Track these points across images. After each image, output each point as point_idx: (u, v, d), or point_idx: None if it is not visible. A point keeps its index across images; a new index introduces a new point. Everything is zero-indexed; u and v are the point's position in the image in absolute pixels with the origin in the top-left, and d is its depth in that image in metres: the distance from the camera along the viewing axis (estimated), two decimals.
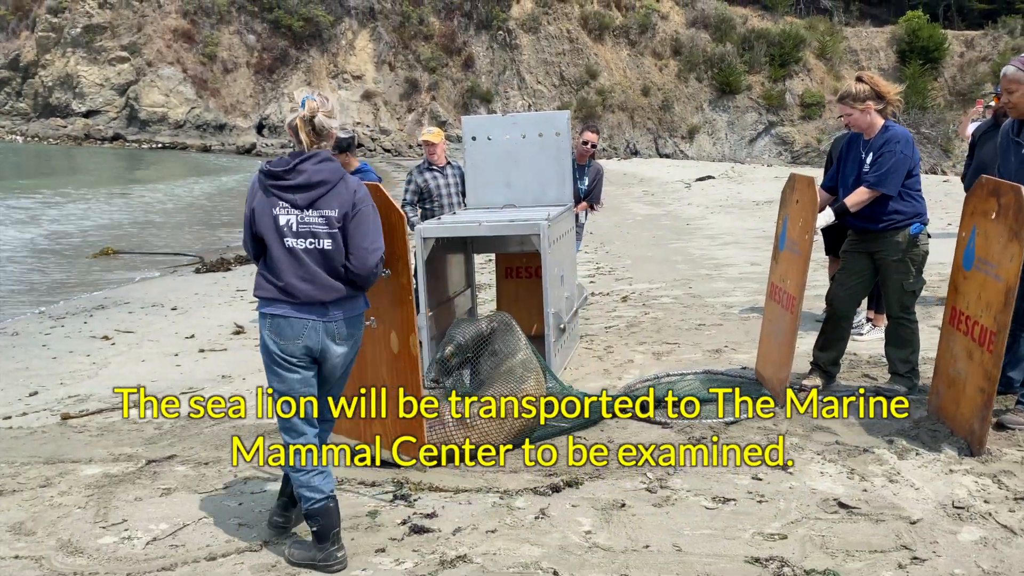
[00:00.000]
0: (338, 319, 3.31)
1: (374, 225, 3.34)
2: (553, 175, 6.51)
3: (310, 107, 3.23)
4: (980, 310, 4.06)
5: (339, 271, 3.27)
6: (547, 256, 5.45)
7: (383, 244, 3.37)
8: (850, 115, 4.82)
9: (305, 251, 3.22)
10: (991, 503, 3.50)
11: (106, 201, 21.77)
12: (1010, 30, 49.33)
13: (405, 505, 3.81)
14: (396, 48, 49.97)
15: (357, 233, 3.28)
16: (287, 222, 3.22)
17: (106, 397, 5.95)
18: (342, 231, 3.26)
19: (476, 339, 4.85)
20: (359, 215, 3.28)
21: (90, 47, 48.97)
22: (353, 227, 3.27)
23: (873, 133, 4.84)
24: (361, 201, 3.30)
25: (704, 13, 51.06)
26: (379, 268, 3.35)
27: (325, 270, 3.25)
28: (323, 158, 3.26)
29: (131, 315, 9.10)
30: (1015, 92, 4.21)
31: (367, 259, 3.28)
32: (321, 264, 3.24)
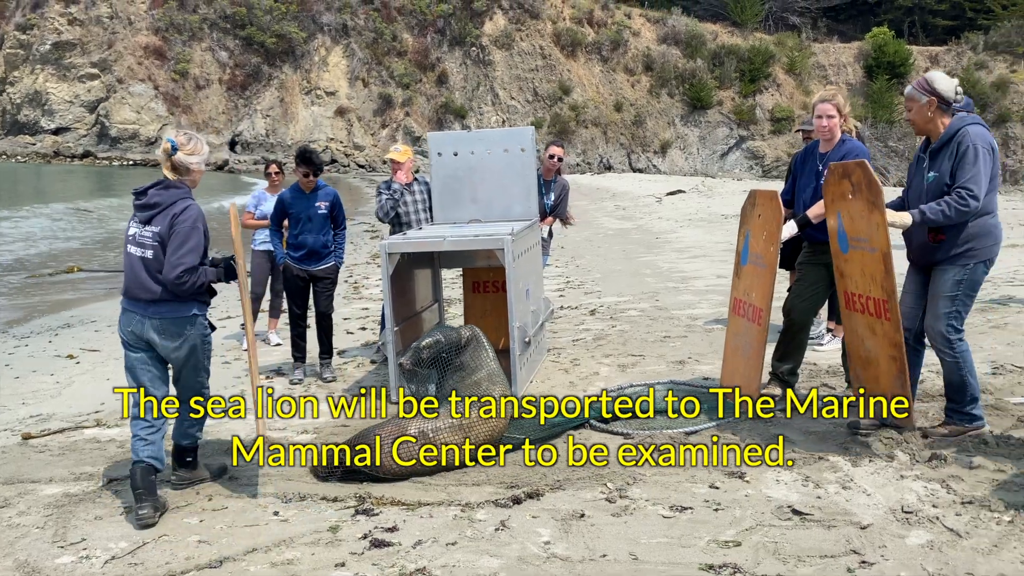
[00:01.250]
0: (158, 316, 4.04)
1: (184, 243, 3.97)
2: (518, 190, 6.58)
3: (164, 148, 4.09)
4: (867, 285, 4.28)
5: (157, 277, 4.01)
6: (512, 270, 5.51)
7: (190, 261, 3.97)
8: (832, 118, 4.95)
9: (138, 258, 4.05)
10: (939, 507, 3.58)
11: (75, 218, 21.56)
12: (973, 45, 50.37)
13: (366, 519, 3.82)
14: (369, 64, 50.04)
15: (168, 248, 4.00)
16: (132, 233, 4.12)
17: (69, 416, 5.90)
18: (161, 245, 4.01)
19: (453, 344, 4.82)
20: (173, 234, 4.00)
21: (59, 64, 48.57)
22: (168, 243, 4.00)
23: (831, 146, 4.97)
24: (180, 223, 4.00)
25: (675, 29, 51.65)
26: (182, 279, 3.95)
27: (147, 274, 4.02)
28: (166, 185, 4.08)
29: (97, 333, 9.02)
30: (912, 109, 4.35)
31: (170, 271, 3.96)
32: (143, 269, 4.03)
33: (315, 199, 6.34)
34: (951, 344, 4.27)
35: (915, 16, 54.80)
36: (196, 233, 4.02)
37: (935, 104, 4.26)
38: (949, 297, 4.25)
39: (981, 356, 5.81)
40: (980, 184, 4.11)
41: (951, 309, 4.26)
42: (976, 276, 4.27)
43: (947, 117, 4.30)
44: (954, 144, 4.20)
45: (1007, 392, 4.99)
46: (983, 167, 4.13)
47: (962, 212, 4.11)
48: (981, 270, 4.28)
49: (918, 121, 4.35)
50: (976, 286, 4.29)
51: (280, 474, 4.50)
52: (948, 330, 4.27)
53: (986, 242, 4.25)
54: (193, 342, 4.15)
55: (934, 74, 4.35)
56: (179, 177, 4.11)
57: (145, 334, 4.08)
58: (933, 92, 4.25)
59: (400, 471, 4.28)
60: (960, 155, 4.15)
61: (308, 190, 6.36)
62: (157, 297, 4.01)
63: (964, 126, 4.21)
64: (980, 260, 4.24)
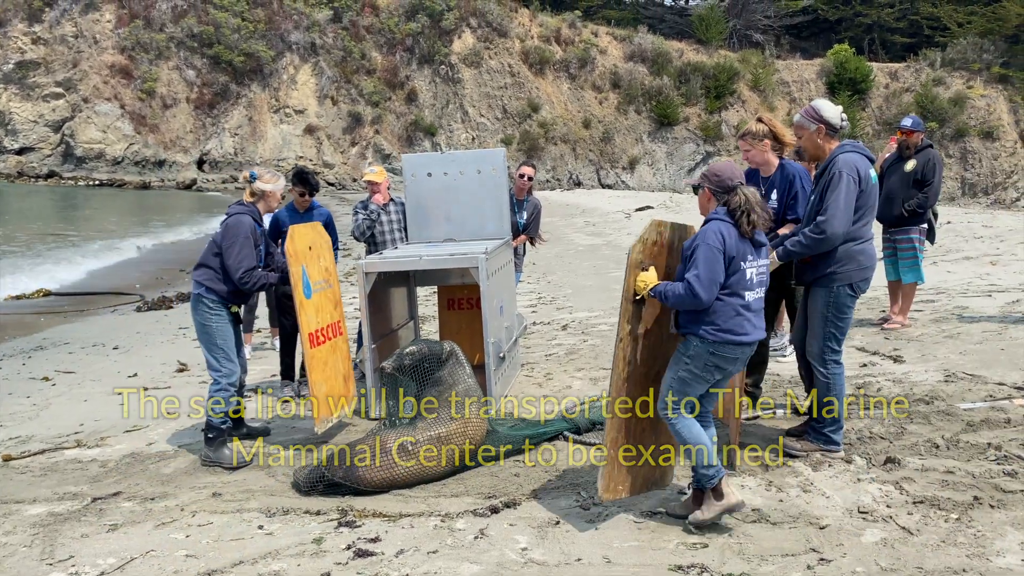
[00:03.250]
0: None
1: (231, 248, 5.13)
2: (491, 209, 6.77)
3: (244, 176, 5.51)
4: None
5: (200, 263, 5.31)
6: (486, 288, 5.68)
7: (246, 263, 5.14)
8: (748, 151, 5.20)
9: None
10: (892, 507, 3.81)
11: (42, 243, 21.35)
12: (930, 62, 51.69)
13: (349, 531, 3.96)
14: (338, 82, 50.09)
15: (223, 253, 5.19)
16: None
17: (48, 437, 5.95)
18: (214, 243, 5.27)
19: (435, 356, 4.94)
20: (223, 237, 5.20)
21: (23, 83, 47.98)
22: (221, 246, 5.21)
23: (771, 171, 5.22)
24: (224, 227, 5.24)
25: (641, 47, 52.40)
26: (244, 279, 5.14)
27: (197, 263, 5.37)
28: (237, 203, 5.35)
29: (71, 355, 9.04)
30: (802, 137, 4.59)
31: (233, 273, 5.14)
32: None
33: (310, 218, 6.51)
34: (825, 364, 4.47)
35: (875, 34, 56.19)
36: (235, 237, 5.13)
37: (823, 131, 4.50)
38: (822, 317, 4.45)
39: (935, 364, 6.09)
40: (835, 214, 4.28)
41: (825, 330, 4.44)
42: (841, 299, 4.41)
43: (835, 142, 4.53)
44: (828, 170, 4.42)
45: (957, 399, 5.25)
46: (844, 195, 4.29)
47: (818, 241, 4.32)
48: (845, 293, 4.41)
49: (809, 148, 4.59)
50: (843, 308, 4.43)
51: (264, 489, 4.62)
52: (824, 350, 4.46)
53: (848, 267, 4.39)
54: (200, 320, 5.21)
55: (820, 103, 4.58)
56: (254, 200, 5.36)
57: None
58: (821, 120, 4.49)
59: (380, 482, 4.42)
60: (828, 181, 4.37)
61: (303, 209, 6.59)
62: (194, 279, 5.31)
63: (839, 154, 4.42)
64: (843, 283, 4.40)
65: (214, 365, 5.20)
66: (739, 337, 3.73)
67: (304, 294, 5.22)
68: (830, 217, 4.33)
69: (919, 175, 7.15)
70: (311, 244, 5.45)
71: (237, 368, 5.25)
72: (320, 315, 5.39)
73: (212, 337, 5.18)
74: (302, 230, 5.39)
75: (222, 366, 5.18)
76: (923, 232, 7.37)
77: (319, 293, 5.43)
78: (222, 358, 5.18)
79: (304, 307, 5.19)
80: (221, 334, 5.19)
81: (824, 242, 4.35)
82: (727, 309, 3.72)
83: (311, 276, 5.35)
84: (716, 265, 3.66)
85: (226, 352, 5.18)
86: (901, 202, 7.19)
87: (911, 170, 7.17)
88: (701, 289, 3.63)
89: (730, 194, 3.78)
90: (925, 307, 8.08)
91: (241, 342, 5.51)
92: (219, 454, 5.09)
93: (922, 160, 7.17)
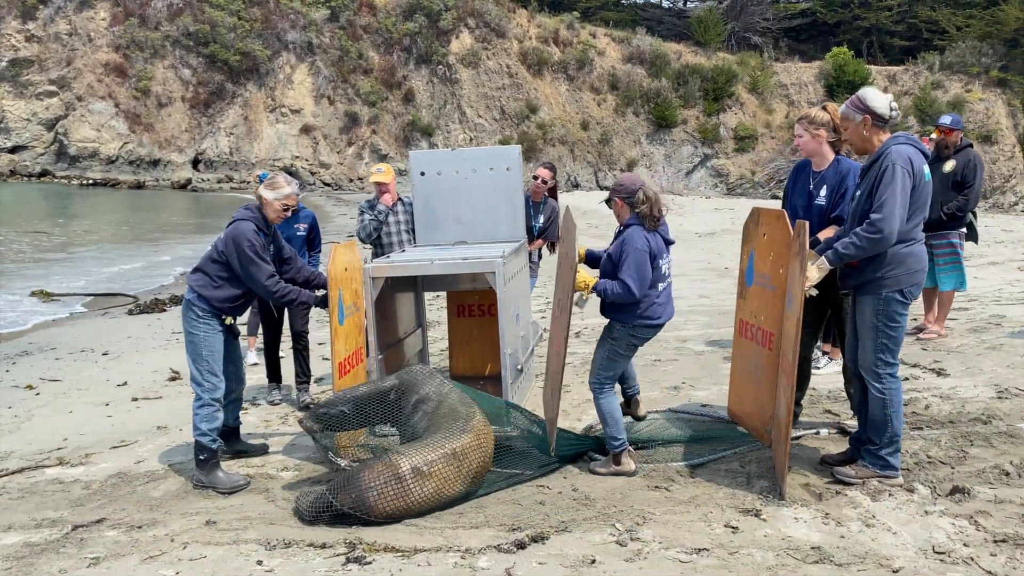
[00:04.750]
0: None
1: (239, 261, 4.75)
2: (505, 211, 6.36)
3: (254, 177, 5.26)
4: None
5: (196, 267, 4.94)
6: (502, 294, 5.27)
7: (262, 274, 4.76)
8: (801, 137, 4.79)
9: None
10: (971, 546, 3.40)
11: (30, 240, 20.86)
12: (929, 65, 51.44)
13: (358, 568, 3.53)
14: (335, 82, 49.64)
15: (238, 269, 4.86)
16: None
17: (29, 454, 5.52)
18: (215, 250, 4.89)
19: (377, 394, 4.52)
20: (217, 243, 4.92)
21: (16, 81, 47.42)
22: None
23: (824, 164, 4.81)
24: (223, 239, 4.85)
25: (639, 49, 52.06)
26: (271, 289, 4.81)
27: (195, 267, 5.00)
28: (244, 207, 4.95)
29: (58, 361, 8.58)
30: (848, 129, 4.21)
31: (259, 288, 4.86)
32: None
33: (295, 220, 6.32)
34: (879, 378, 4.07)
35: (873, 37, 55.99)
36: (239, 252, 4.74)
37: (870, 122, 4.11)
38: (872, 328, 4.06)
39: (983, 379, 5.69)
40: (893, 211, 3.89)
41: (876, 341, 4.05)
42: (891, 307, 4.03)
43: (884, 134, 4.14)
44: (879, 164, 4.02)
45: (1016, 418, 4.85)
46: (900, 191, 3.90)
47: (874, 242, 3.92)
48: (895, 300, 4.03)
49: (855, 140, 4.19)
50: (894, 316, 4.04)
51: (262, 517, 4.19)
52: (877, 363, 4.07)
53: (898, 271, 4.00)
54: (188, 328, 4.83)
55: (868, 91, 4.17)
56: (258, 204, 4.93)
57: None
58: (867, 109, 4.10)
59: (393, 511, 4.00)
60: (879, 177, 3.97)
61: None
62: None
63: (892, 146, 4.02)
64: (892, 290, 4.01)
65: (197, 378, 4.79)
66: (654, 321, 4.50)
67: (339, 320, 4.82)
68: (887, 215, 3.90)
69: (959, 176, 6.75)
70: (347, 265, 5.06)
71: (222, 383, 4.83)
72: (347, 343, 5.00)
73: (198, 348, 4.79)
74: (342, 251, 5.00)
75: (205, 380, 4.77)
76: (962, 236, 6.97)
77: (349, 318, 5.03)
78: (206, 371, 4.77)
79: (338, 335, 4.81)
80: (208, 345, 4.79)
81: (881, 242, 3.93)
82: (645, 299, 4.42)
83: (344, 300, 4.95)
84: (645, 267, 4.33)
85: (211, 365, 4.78)
86: (940, 205, 6.79)
87: (950, 171, 6.78)
88: (636, 288, 4.32)
89: (635, 198, 4.44)
90: (959, 315, 7.69)
91: (237, 356, 5.12)
92: (212, 477, 4.67)
93: (962, 160, 6.77)
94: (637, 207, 4.43)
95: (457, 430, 4.21)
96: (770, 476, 4.25)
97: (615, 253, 4.42)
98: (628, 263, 4.31)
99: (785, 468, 4.01)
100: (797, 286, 4.00)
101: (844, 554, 3.39)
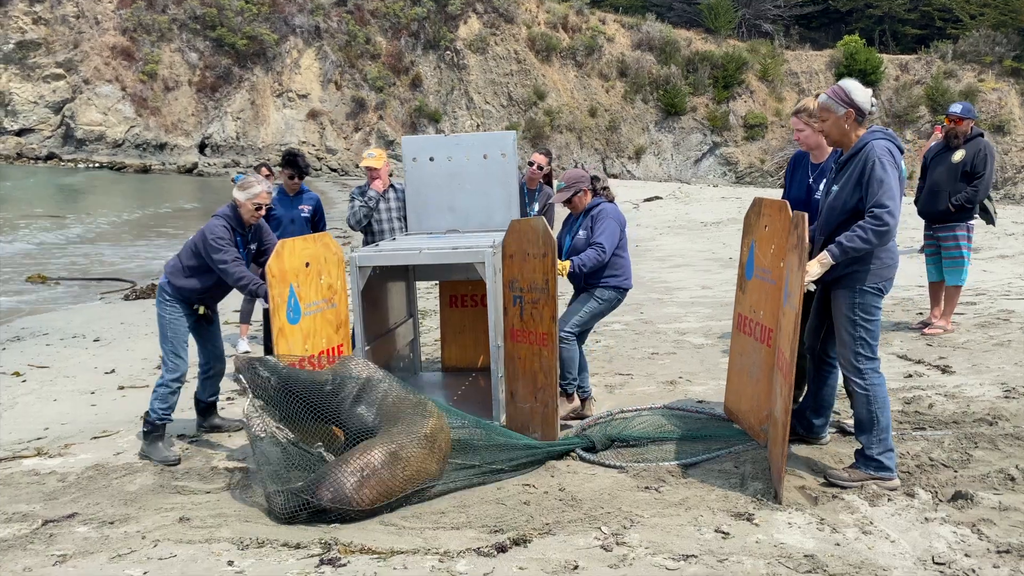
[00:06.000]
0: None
1: (207, 251, 4.92)
2: (499, 198, 6.18)
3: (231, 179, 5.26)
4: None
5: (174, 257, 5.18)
6: (493, 285, 5.10)
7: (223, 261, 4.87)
8: (801, 131, 4.60)
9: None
10: (973, 556, 3.23)
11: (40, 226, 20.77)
12: (942, 54, 50.84)
13: (332, 571, 3.39)
14: (342, 67, 49.39)
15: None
16: None
17: (8, 443, 5.40)
18: (192, 244, 5.06)
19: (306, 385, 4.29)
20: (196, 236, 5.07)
21: (23, 64, 47.32)
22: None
23: (823, 157, 4.62)
24: (199, 235, 5.00)
25: (649, 36, 51.62)
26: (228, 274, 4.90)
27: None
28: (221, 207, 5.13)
29: (49, 347, 8.47)
30: (827, 120, 4.03)
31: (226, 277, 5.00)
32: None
33: (299, 202, 6.47)
34: (861, 374, 3.96)
35: (885, 25, 55.35)
36: (203, 241, 4.91)
37: (852, 116, 3.96)
38: (849, 322, 3.96)
39: (989, 377, 5.51)
40: (895, 203, 3.82)
41: (855, 335, 3.95)
42: (867, 300, 3.94)
43: (861, 129, 4.01)
44: (860, 158, 3.90)
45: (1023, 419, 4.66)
46: (895, 183, 3.84)
47: (881, 235, 3.81)
48: (871, 294, 3.94)
49: (833, 133, 4.03)
50: (870, 310, 3.94)
51: (238, 514, 4.05)
52: (858, 358, 3.95)
53: (872, 265, 3.91)
54: (158, 310, 5.08)
55: (850, 84, 4.00)
56: (233, 205, 5.04)
57: None
58: (851, 103, 3.94)
59: (375, 498, 3.88)
60: (868, 171, 3.85)
61: (292, 193, 6.50)
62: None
63: (872, 140, 3.92)
64: (868, 285, 3.93)
65: (163, 359, 5.14)
66: (631, 282, 5.30)
67: (288, 319, 4.63)
68: (893, 207, 3.82)
69: (968, 167, 6.53)
70: (310, 259, 4.84)
71: (184, 365, 5.07)
72: (311, 341, 4.81)
73: (163, 330, 5.09)
74: (298, 245, 4.78)
75: (168, 360, 5.07)
76: (970, 229, 6.75)
77: (314, 316, 4.84)
78: (169, 351, 5.07)
79: (284, 334, 4.59)
80: (172, 328, 5.06)
81: (887, 235, 3.83)
82: (624, 264, 5.22)
83: (303, 297, 4.75)
84: (615, 235, 5.09)
85: (174, 347, 5.06)
86: (947, 196, 6.58)
87: (959, 161, 6.55)
88: (608, 249, 5.04)
89: (595, 182, 5.28)
90: (966, 309, 7.48)
91: (214, 337, 5.30)
92: (151, 448, 4.98)
93: (972, 150, 6.54)
94: (600, 191, 5.26)
95: (419, 414, 4.17)
96: (765, 477, 4.09)
97: (593, 226, 5.13)
98: (605, 230, 5.05)
99: (782, 470, 3.85)
100: (795, 281, 3.83)
101: (839, 563, 3.23)
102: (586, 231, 5.14)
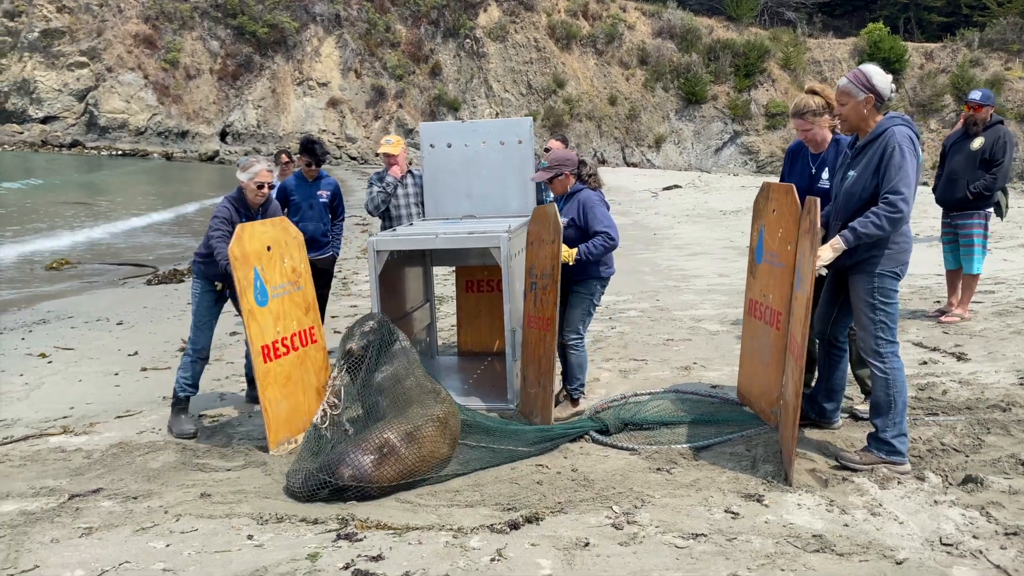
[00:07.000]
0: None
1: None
2: (515, 185, 6.23)
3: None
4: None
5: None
6: (508, 270, 5.16)
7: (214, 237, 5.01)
8: (808, 131, 4.57)
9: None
10: (980, 538, 3.25)
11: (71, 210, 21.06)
12: (968, 43, 50.10)
13: (349, 545, 3.47)
14: (362, 55, 49.48)
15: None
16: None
17: (35, 422, 5.53)
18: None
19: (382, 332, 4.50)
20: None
21: (48, 52, 47.81)
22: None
23: (824, 147, 4.62)
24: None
25: (670, 23, 51.26)
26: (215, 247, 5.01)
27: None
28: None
29: (74, 330, 8.63)
30: (846, 104, 4.02)
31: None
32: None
33: (317, 187, 6.53)
34: (882, 357, 3.98)
35: (910, 12, 54.57)
36: (214, 220, 5.09)
37: (872, 101, 3.96)
38: (868, 306, 3.98)
39: (1005, 364, 5.50)
40: (910, 190, 3.83)
41: (875, 319, 3.97)
42: (885, 284, 3.96)
43: (879, 115, 4.01)
44: (879, 144, 3.90)
45: None
46: (912, 171, 3.85)
47: (894, 221, 3.83)
48: (889, 279, 3.96)
49: (851, 117, 4.03)
50: (888, 294, 3.97)
51: (257, 491, 4.16)
52: (878, 342, 3.97)
53: (889, 250, 3.93)
54: (191, 286, 5.33)
55: (871, 69, 3.99)
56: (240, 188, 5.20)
57: None
58: (872, 89, 3.94)
59: (393, 476, 3.99)
60: (887, 157, 3.86)
61: (311, 178, 6.54)
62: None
63: (892, 126, 3.92)
64: (885, 269, 3.95)
65: (191, 336, 5.32)
66: (614, 269, 5.19)
67: (257, 301, 4.72)
68: (908, 194, 3.84)
69: (987, 154, 6.50)
70: (271, 243, 4.89)
71: (203, 339, 5.27)
72: (282, 323, 4.88)
73: (193, 304, 5.35)
74: (258, 229, 4.85)
75: (191, 331, 5.30)
76: (987, 217, 6.72)
77: (281, 298, 4.91)
78: (192, 326, 5.30)
79: (255, 316, 4.70)
80: (196, 302, 5.30)
81: (900, 221, 3.85)
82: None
83: (269, 280, 4.82)
84: (612, 219, 4.97)
85: (196, 321, 5.27)
86: (965, 184, 6.55)
87: (978, 148, 6.52)
88: (615, 233, 4.90)
89: (581, 167, 5.07)
90: (984, 298, 7.45)
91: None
92: (174, 420, 5.20)
93: (991, 137, 6.50)
94: (584, 176, 5.10)
95: (431, 401, 4.28)
96: (776, 460, 4.13)
97: (579, 217, 4.94)
98: (599, 216, 4.90)
99: (792, 453, 3.89)
100: (807, 266, 3.85)
101: (846, 543, 3.27)
102: (578, 218, 4.96)
